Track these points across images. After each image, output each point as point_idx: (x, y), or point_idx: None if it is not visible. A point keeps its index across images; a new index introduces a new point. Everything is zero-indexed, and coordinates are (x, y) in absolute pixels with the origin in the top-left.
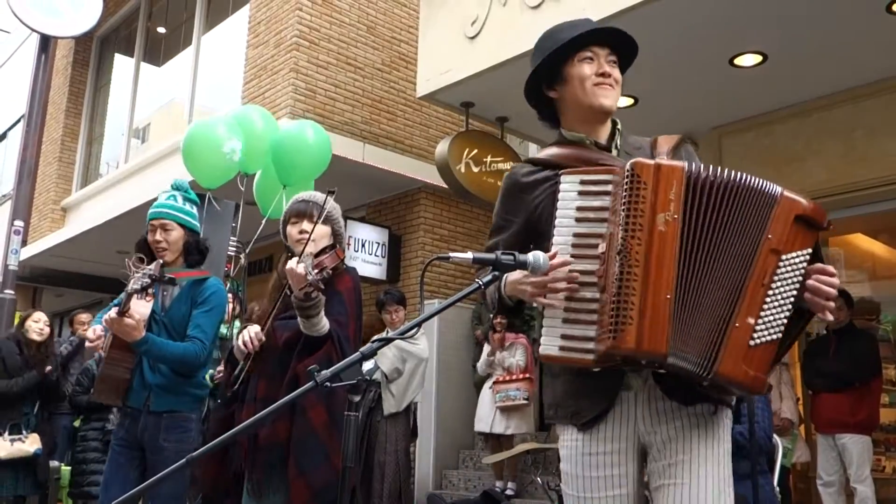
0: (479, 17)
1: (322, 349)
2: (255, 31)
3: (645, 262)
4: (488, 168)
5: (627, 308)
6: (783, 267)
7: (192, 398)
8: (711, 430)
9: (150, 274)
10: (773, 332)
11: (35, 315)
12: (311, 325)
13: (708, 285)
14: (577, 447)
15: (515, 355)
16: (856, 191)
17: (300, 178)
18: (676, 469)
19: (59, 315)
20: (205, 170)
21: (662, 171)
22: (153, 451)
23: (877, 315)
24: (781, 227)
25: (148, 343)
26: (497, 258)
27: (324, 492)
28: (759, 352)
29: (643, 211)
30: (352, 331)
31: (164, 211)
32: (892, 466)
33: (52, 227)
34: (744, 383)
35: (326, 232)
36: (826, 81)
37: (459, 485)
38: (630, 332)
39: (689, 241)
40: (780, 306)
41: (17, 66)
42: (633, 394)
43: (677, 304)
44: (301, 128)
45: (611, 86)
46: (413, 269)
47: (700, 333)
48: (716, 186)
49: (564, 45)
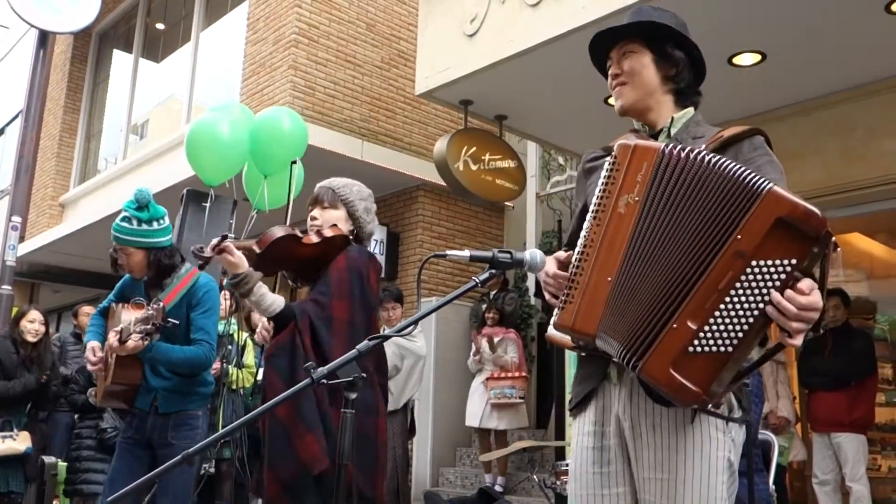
0: (479, 14)
1: (284, 330)
2: (254, 27)
3: (599, 243)
4: (487, 166)
5: (573, 287)
6: (751, 274)
7: (199, 397)
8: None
9: (154, 322)
10: (722, 343)
11: (30, 315)
12: (256, 305)
13: (651, 272)
14: (575, 441)
15: (507, 351)
16: (854, 190)
17: (278, 167)
18: (654, 486)
19: (58, 311)
20: (208, 167)
21: (637, 152)
22: (162, 447)
23: (873, 314)
24: (757, 228)
25: (153, 350)
26: (493, 256)
27: (293, 484)
28: (699, 361)
29: (610, 192)
30: (338, 311)
31: (119, 237)
32: (888, 465)
33: (49, 223)
34: (667, 389)
35: (339, 216)
36: (824, 81)
37: (456, 482)
38: (569, 311)
39: (644, 225)
40: (738, 317)
41: (16, 61)
42: (615, 386)
43: (618, 287)
44: (277, 115)
45: (622, 84)
46: (411, 266)
47: (630, 320)
48: (686, 170)
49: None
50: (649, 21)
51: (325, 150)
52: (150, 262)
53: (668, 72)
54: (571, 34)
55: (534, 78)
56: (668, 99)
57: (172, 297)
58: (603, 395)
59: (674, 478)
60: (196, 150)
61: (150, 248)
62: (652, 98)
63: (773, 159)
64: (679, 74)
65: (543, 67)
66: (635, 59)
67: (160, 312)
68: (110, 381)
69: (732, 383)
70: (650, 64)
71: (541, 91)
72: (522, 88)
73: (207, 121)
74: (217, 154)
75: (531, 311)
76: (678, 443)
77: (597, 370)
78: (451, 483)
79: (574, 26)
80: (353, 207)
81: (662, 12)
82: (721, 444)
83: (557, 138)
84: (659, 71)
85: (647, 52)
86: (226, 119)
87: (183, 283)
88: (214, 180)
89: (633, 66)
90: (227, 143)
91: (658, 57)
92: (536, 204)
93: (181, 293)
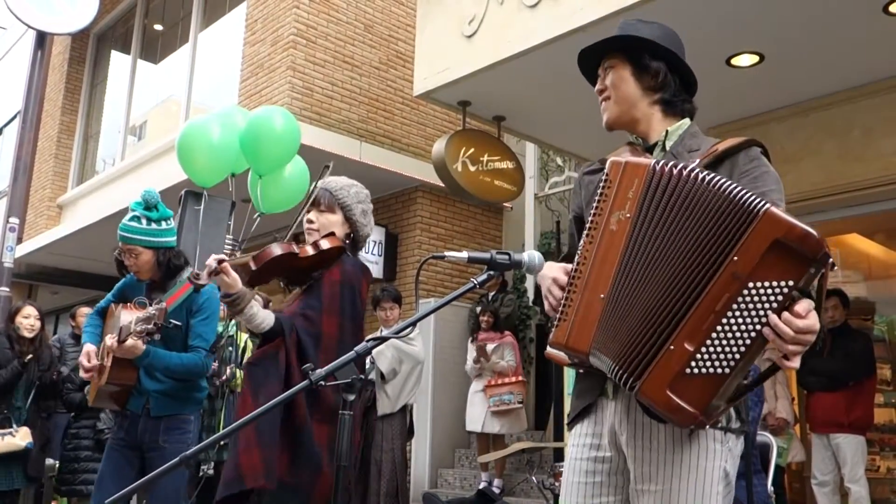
0: (477, 15)
1: (270, 344)
2: (252, 28)
3: (592, 260)
4: (485, 167)
5: (568, 305)
6: (747, 296)
7: (192, 402)
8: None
9: (156, 322)
10: (720, 365)
11: (25, 310)
12: (248, 322)
13: (644, 288)
14: (569, 452)
15: (505, 356)
16: (852, 191)
17: (270, 168)
18: (648, 498)
19: (56, 312)
20: (199, 169)
21: (627, 169)
22: (152, 450)
23: (872, 315)
24: (753, 250)
25: (150, 356)
26: (492, 257)
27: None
28: (696, 382)
29: (602, 209)
30: (328, 326)
31: (127, 236)
32: (887, 466)
33: (48, 225)
34: (665, 411)
35: (336, 220)
36: (823, 82)
37: (455, 483)
38: (563, 328)
39: (635, 241)
40: (735, 339)
41: (13, 62)
42: (611, 402)
43: (610, 304)
44: (268, 115)
45: (606, 99)
46: (409, 267)
47: (622, 338)
48: (678, 187)
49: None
50: (622, 35)
51: (324, 151)
52: (160, 263)
53: (648, 83)
54: (570, 35)
55: (532, 79)
56: (655, 110)
57: (175, 300)
58: (600, 409)
59: (668, 488)
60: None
61: (159, 247)
62: (636, 110)
63: (770, 170)
64: (662, 85)
65: (542, 68)
66: (615, 73)
67: (162, 312)
68: (105, 380)
69: (729, 403)
70: (629, 77)
71: (539, 92)
72: (521, 89)
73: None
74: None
75: (530, 312)
76: (674, 455)
77: (594, 385)
78: (450, 484)
79: (572, 27)
80: (351, 212)
81: (646, 24)
82: (718, 454)
83: (556, 139)
84: (639, 83)
85: (626, 65)
86: (217, 120)
87: (185, 287)
88: (206, 182)
89: (613, 81)
90: (217, 143)
91: (636, 69)
92: (535, 205)
93: (183, 297)
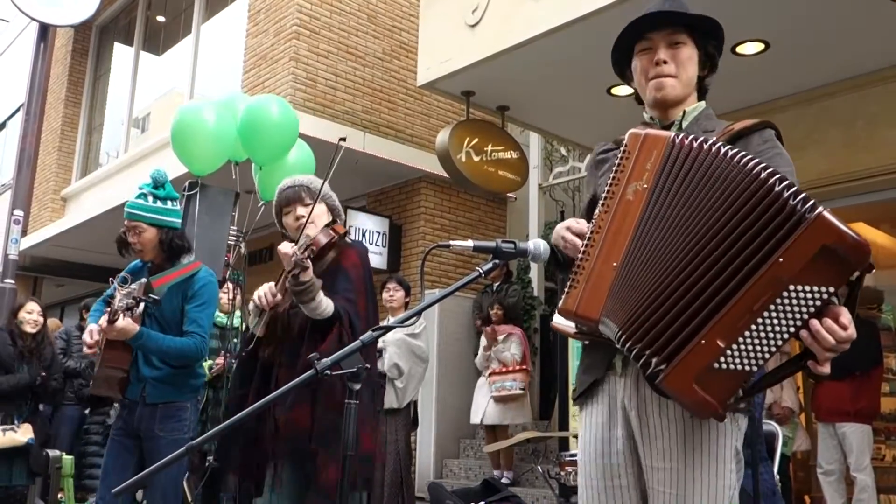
0: (480, 5)
1: (332, 332)
2: (255, 19)
3: (606, 229)
4: (489, 157)
5: (579, 272)
6: (787, 298)
7: (188, 389)
8: (703, 433)
9: (134, 296)
10: (748, 362)
11: (28, 306)
12: (312, 310)
13: (660, 262)
14: (582, 433)
15: (510, 348)
16: (857, 180)
17: (269, 157)
18: (662, 475)
19: (60, 305)
20: (195, 157)
21: (647, 140)
22: (149, 440)
23: (878, 304)
24: (801, 254)
25: (143, 337)
26: (497, 246)
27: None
28: (721, 376)
29: (619, 180)
30: (362, 307)
31: (133, 212)
32: (893, 455)
33: (52, 217)
34: (689, 402)
35: (323, 210)
36: (828, 70)
37: (460, 473)
38: (573, 296)
39: (652, 213)
40: (768, 339)
41: (16, 55)
42: (619, 378)
43: (623, 273)
44: (265, 104)
45: (671, 76)
46: (414, 258)
47: (631, 306)
48: (699, 160)
49: (618, 39)
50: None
51: (328, 142)
52: (163, 242)
53: (702, 71)
54: (573, 24)
55: (536, 68)
56: (694, 92)
57: (166, 281)
58: (608, 386)
59: (682, 467)
60: (182, 140)
61: (163, 226)
62: (688, 93)
63: (783, 152)
64: (709, 75)
65: (545, 58)
66: (685, 51)
67: (142, 286)
68: (99, 364)
69: (746, 396)
70: (695, 58)
71: (543, 81)
72: (524, 79)
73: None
74: (203, 144)
75: (534, 302)
76: (686, 432)
77: (601, 360)
78: (456, 475)
79: (576, 16)
80: (331, 199)
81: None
82: (730, 433)
83: (560, 129)
84: (699, 66)
85: (693, 46)
86: (212, 108)
87: (181, 271)
88: (202, 171)
89: (683, 60)
90: (213, 132)
91: (701, 52)
92: (539, 195)
93: (176, 280)
